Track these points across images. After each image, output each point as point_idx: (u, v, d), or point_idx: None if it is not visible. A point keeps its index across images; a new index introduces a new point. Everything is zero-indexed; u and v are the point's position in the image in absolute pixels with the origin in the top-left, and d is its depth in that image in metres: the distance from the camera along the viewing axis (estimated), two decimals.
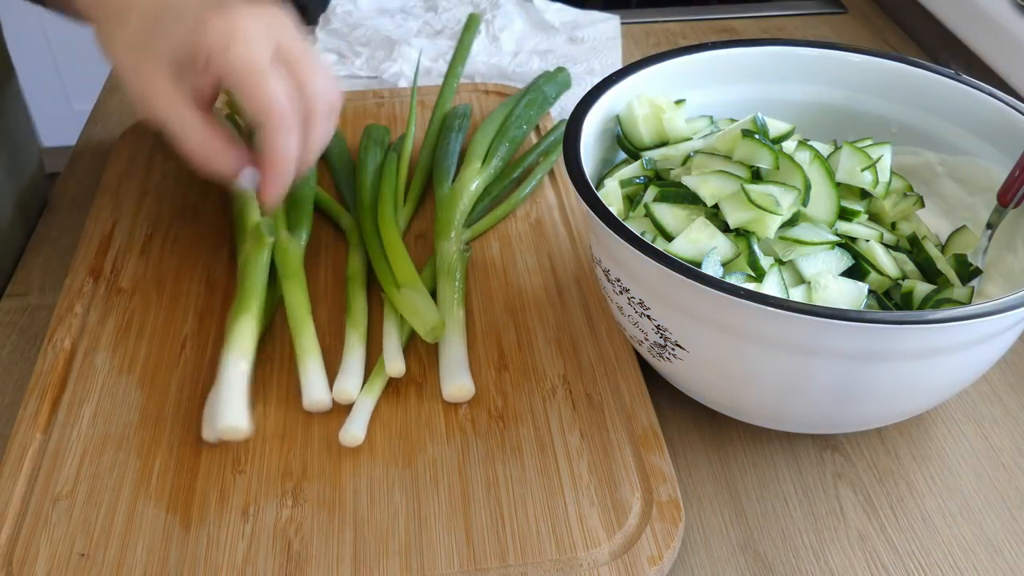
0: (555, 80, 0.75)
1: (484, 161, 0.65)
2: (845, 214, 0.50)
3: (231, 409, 0.48)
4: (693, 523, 0.47)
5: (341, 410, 0.50)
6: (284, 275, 0.56)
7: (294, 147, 0.49)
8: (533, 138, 0.72)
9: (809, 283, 0.46)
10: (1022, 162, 0.49)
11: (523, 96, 0.72)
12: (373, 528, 0.45)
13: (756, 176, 0.50)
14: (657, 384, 0.53)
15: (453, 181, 0.65)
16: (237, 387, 0.49)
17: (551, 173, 0.69)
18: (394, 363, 0.51)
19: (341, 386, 0.50)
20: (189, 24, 0.48)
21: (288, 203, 0.61)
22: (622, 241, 0.42)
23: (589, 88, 0.53)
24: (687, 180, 0.50)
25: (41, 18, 1.93)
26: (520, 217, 0.65)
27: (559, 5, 0.95)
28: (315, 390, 0.50)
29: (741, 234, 0.48)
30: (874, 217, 0.53)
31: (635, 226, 0.50)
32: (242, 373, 0.50)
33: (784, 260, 0.47)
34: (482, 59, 0.86)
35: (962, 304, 0.48)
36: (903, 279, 0.50)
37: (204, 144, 0.50)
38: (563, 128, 0.52)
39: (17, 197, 0.68)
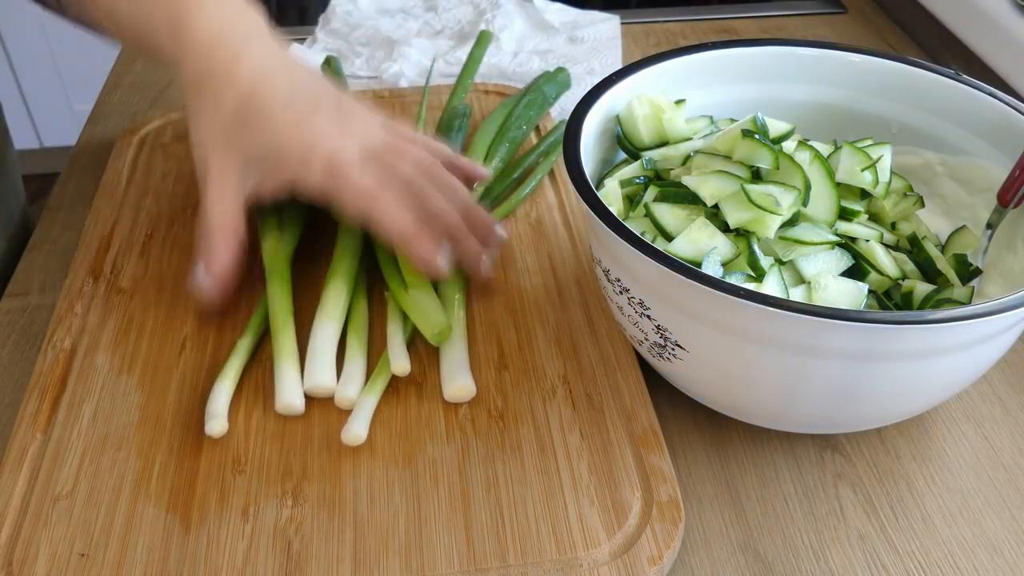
0: (555, 80, 0.75)
1: (484, 161, 0.65)
2: (845, 214, 0.50)
3: (319, 368, 0.51)
4: (693, 523, 0.47)
5: (342, 410, 0.51)
6: (269, 274, 0.56)
7: (407, 214, 0.53)
8: (533, 138, 0.72)
9: (809, 283, 0.46)
10: (1022, 162, 0.49)
11: (523, 96, 0.72)
12: (373, 528, 0.45)
13: (756, 176, 0.50)
14: (657, 384, 0.53)
15: None
16: (326, 348, 0.52)
17: (551, 173, 0.69)
18: (399, 362, 0.51)
19: (342, 393, 0.50)
20: (277, 135, 0.53)
21: (282, 202, 0.61)
22: (622, 241, 0.42)
23: (589, 88, 0.54)
24: (687, 180, 0.50)
25: (41, 18, 1.93)
26: (520, 217, 0.65)
27: (559, 5, 0.95)
28: (287, 393, 0.50)
29: (741, 234, 0.48)
30: (874, 217, 0.53)
31: (635, 226, 0.50)
32: (331, 334, 0.53)
33: (784, 260, 0.47)
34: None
35: (962, 304, 0.48)
36: (903, 279, 0.50)
37: (216, 237, 0.53)
38: (563, 128, 0.53)
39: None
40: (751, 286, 0.44)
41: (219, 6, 0.55)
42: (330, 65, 0.77)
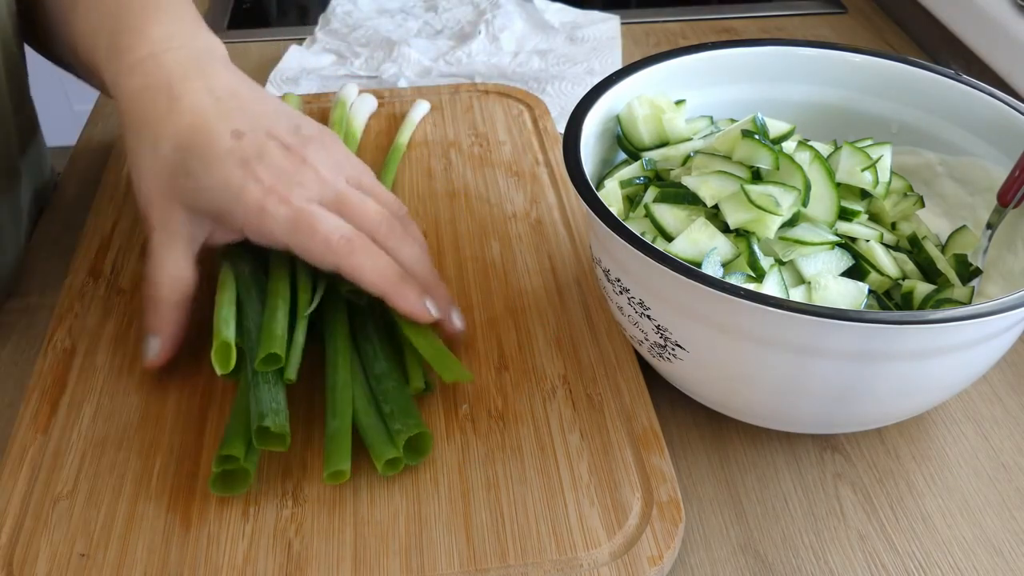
0: None
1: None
2: (845, 214, 0.50)
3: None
4: (693, 523, 0.47)
5: None
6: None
7: (386, 266, 0.49)
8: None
9: (809, 283, 0.46)
10: (1022, 162, 0.49)
11: None
12: (373, 528, 0.45)
13: (756, 176, 0.50)
14: (657, 384, 0.53)
15: None
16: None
17: (551, 173, 0.69)
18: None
19: None
20: (220, 182, 0.48)
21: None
22: (622, 241, 0.42)
23: (589, 88, 0.54)
24: (687, 180, 0.50)
25: None
26: (520, 217, 0.65)
27: (559, 5, 0.95)
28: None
29: (741, 234, 0.48)
30: (874, 217, 0.53)
31: (635, 226, 0.50)
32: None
33: (784, 260, 0.47)
34: (482, 59, 0.87)
35: (962, 304, 0.48)
36: (903, 279, 0.50)
37: (164, 307, 0.50)
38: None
39: (31, 219, 0.68)
40: (751, 286, 0.44)
41: (161, 25, 0.51)
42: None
